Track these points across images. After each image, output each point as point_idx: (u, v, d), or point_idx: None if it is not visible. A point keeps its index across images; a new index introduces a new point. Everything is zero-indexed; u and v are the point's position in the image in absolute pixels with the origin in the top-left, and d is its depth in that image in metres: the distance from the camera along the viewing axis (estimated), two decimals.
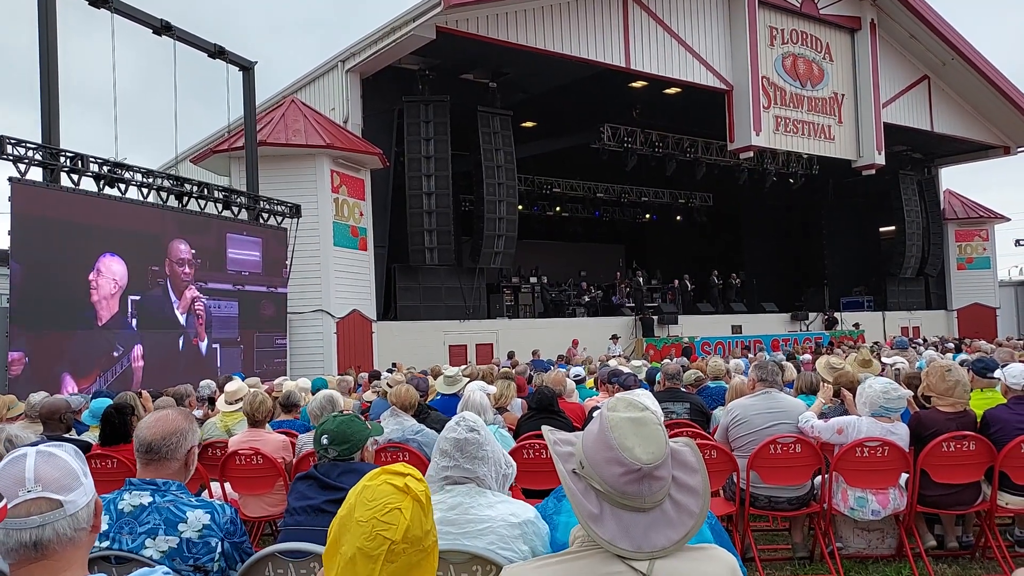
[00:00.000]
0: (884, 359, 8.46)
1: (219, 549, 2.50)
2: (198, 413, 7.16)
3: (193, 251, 12.87)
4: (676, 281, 25.86)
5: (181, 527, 2.47)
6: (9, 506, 1.64)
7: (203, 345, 13.11)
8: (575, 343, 19.34)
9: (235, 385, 6.82)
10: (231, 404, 6.40)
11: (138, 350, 11.60)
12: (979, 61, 25.09)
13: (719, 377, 8.16)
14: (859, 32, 24.02)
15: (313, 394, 6.91)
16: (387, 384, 6.97)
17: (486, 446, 2.64)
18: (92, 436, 5.54)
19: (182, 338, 12.66)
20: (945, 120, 26.28)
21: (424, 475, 2.95)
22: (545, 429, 1.87)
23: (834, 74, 23.75)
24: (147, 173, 12.32)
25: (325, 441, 3.06)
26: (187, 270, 12.72)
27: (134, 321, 11.58)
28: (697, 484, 1.70)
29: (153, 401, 6.84)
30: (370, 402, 7.86)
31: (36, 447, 1.75)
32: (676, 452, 1.72)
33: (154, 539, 2.44)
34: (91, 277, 10.76)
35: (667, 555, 1.61)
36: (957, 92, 26.28)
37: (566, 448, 1.76)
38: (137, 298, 11.70)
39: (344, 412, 4.04)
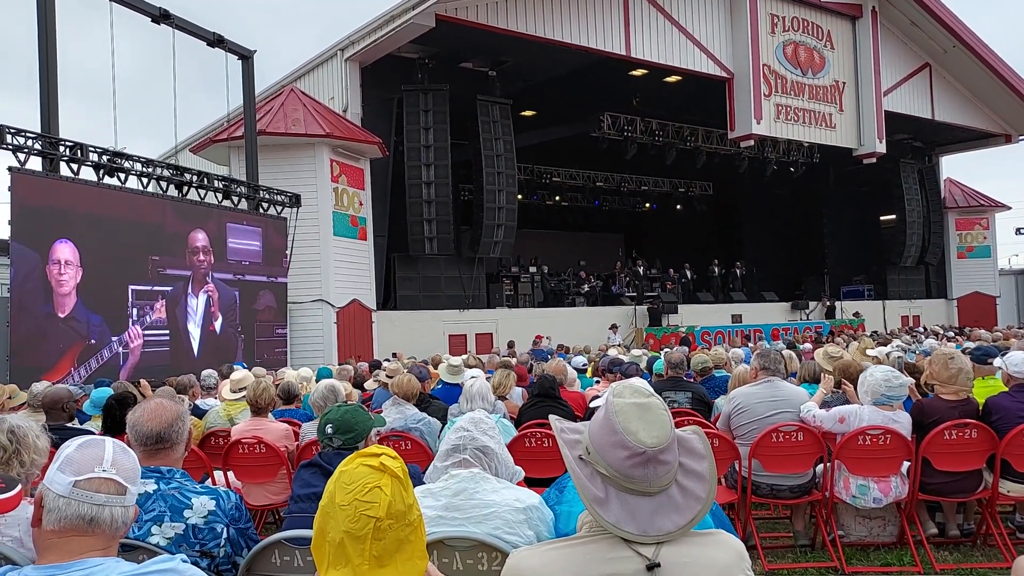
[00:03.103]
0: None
1: (225, 535, 2.52)
2: (211, 401, 7.16)
3: (209, 239, 12.99)
4: (674, 271, 25.85)
5: (187, 513, 2.49)
6: (81, 479, 1.76)
7: (218, 324, 13.23)
8: (539, 338, 19.02)
9: (240, 374, 6.82)
10: (235, 393, 6.40)
11: (132, 339, 11.50)
12: (981, 48, 25.00)
13: (719, 365, 8.16)
14: (860, 19, 23.92)
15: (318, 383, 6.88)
16: (386, 375, 6.95)
17: (496, 435, 2.74)
18: (94, 425, 5.55)
19: (193, 327, 12.68)
20: (946, 108, 26.22)
21: (428, 464, 2.98)
22: (553, 418, 1.88)
23: (835, 62, 23.67)
24: (146, 163, 12.29)
25: (330, 430, 3.08)
26: (202, 257, 12.78)
27: (135, 311, 11.57)
28: (704, 470, 1.70)
29: (154, 391, 6.85)
30: (372, 391, 7.88)
31: (116, 441, 1.90)
32: (684, 439, 1.73)
33: (160, 526, 2.46)
34: (52, 268, 10.26)
35: (673, 540, 1.62)
36: (958, 80, 26.20)
37: (573, 436, 1.78)
38: (143, 288, 11.69)
39: (348, 401, 4.04)
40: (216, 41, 14.20)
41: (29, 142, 10.06)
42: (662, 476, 1.65)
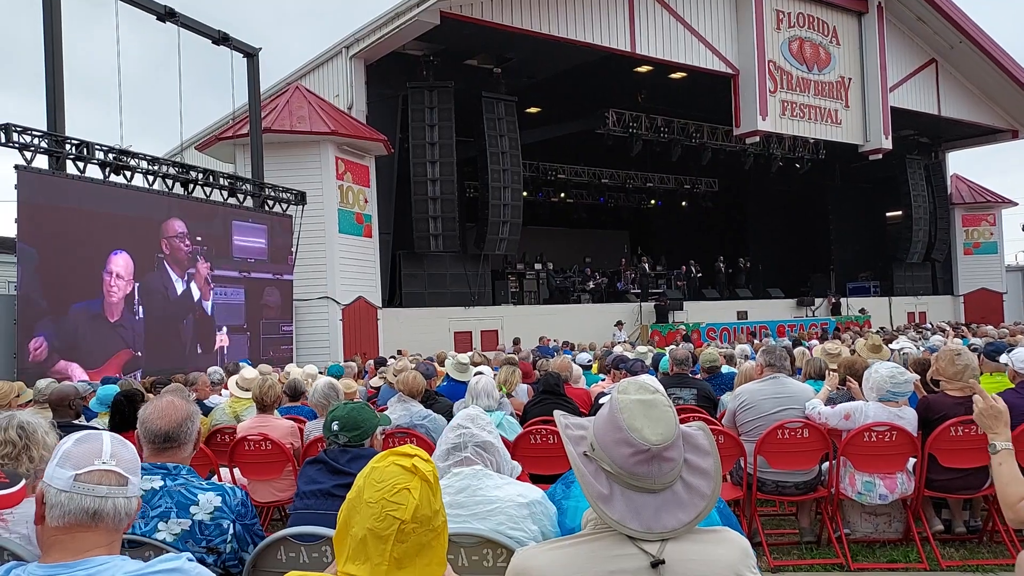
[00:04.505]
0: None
1: (231, 531, 2.53)
2: (215, 399, 7.18)
3: (187, 227, 12.78)
4: (680, 268, 25.81)
5: (193, 510, 2.50)
6: (81, 472, 1.74)
7: (207, 305, 13.14)
8: (545, 341, 18.91)
9: (248, 372, 6.84)
10: (244, 390, 6.42)
11: (146, 337, 11.61)
12: (987, 44, 24.89)
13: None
14: (866, 15, 23.83)
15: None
16: (392, 372, 6.93)
17: (493, 429, 2.73)
18: (100, 423, 5.57)
19: (187, 319, 12.67)
20: (952, 104, 26.12)
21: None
22: (557, 414, 1.87)
23: (841, 58, 23.58)
24: (152, 160, 12.30)
25: (336, 427, 3.08)
26: (187, 244, 12.69)
27: (141, 308, 11.60)
28: (709, 467, 1.70)
29: (161, 388, 6.87)
30: (377, 388, 7.89)
31: (113, 434, 1.87)
32: (688, 435, 1.73)
33: (166, 522, 2.46)
34: (105, 277, 10.79)
35: (678, 537, 1.62)
36: (965, 75, 26.09)
37: (578, 432, 1.77)
38: (139, 284, 11.73)
39: (353, 399, 4.05)
40: (221, 39, 14.21)
41: (35, 140, 10.08)
42: (667, 473, 1.64)
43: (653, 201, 31.04)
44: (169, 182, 12.73)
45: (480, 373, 5.84)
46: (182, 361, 11.83)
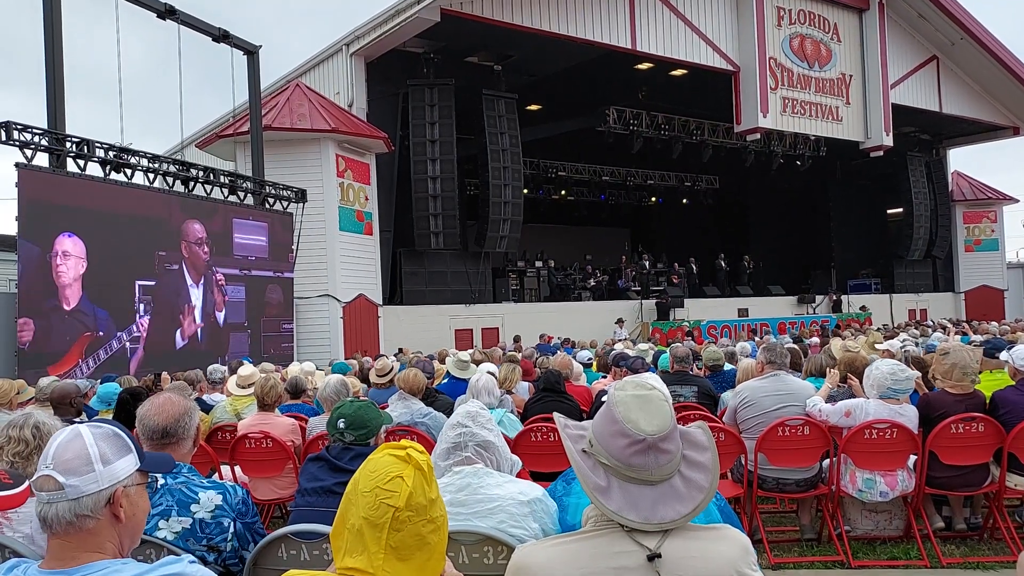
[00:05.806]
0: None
1: (232, 529, 2.53)
2: (217, 396, 7.18)
3: (206, 232, 12.86)
4: (680, 265, 25.78)
5: (194, 508, 2.50)
6: (33, 480, 1.71)
7: (220, 316, 13.14)
8: (548, 339, 18.90)
9: (248, 369, 6.83)
10: (243, 388, 6.43)
11: (141, 333, 11.53)
12: (989, 41, 24.85)
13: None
14: (867, 12, 23.80)
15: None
16: (376, 374, 6.79)
17: (493, 426, 2.71)
18: None
19: (198, 320, 12.67)
20: (954, 101, 26.08)
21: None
22: (557, 416, 1.88)
23: (842, 55, 23.56)
24: (153, 158, 12.30)
25: (342, 425, 3.07)
26: (205, 249, 12.74)
27: (142, 306, 11.59)
28: (707, 460, 1.72)
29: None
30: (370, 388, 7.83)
31: (75, 427, 1.77)
32: (686, 433, 1.75)
33: (167, 520, 2.46)
34: (54, 260, 10.10)
35: (679, 534, 1.63)
36: (966, 72, 26.05)
37: (577, 431, 1.79)
38: (149, 283, 11.71)
39: (359, 397, 4.04)
40: (222, 36, 14.20)
41: (36, 138, 10.07)
42: (664, 465, 1.65)
43: (654, 198, 31.02)
44: (170, 180, 12.74)
45: (488, 372, 5.83)
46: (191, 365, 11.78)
